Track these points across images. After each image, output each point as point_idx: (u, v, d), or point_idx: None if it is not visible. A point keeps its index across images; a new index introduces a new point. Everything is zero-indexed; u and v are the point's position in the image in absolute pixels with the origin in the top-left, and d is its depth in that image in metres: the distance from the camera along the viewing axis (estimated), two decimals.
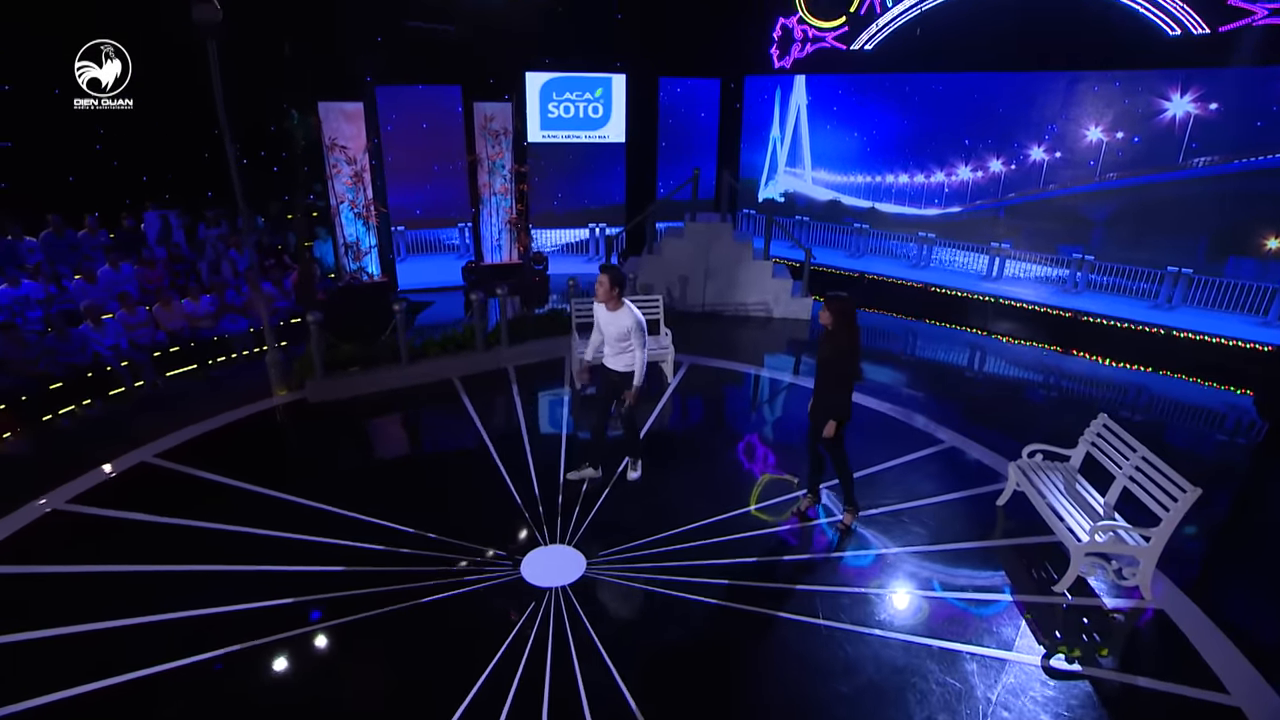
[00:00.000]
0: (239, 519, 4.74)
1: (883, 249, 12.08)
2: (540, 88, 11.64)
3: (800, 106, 12.36)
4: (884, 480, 5.39)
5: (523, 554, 4.40)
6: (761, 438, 6.22)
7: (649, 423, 6.39)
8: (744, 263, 9.61)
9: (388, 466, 5.73)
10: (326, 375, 6.97)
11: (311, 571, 4.23)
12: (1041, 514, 4.35)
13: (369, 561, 4.33)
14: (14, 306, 7.06)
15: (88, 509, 4.88)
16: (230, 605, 3.93)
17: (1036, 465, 4.79)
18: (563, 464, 5.55)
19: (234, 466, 5.48)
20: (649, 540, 4.57)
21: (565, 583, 4.17)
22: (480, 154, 11.20)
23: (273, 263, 9.84)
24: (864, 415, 6.54)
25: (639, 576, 4.22)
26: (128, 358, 7.34)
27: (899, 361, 8.33)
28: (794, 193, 13.01)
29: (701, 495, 5.09)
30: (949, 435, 6.14)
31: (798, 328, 9.44)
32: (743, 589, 4.12)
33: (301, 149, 9.40)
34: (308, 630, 3.78)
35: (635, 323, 4.59)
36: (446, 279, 11.08)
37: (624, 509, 4.93)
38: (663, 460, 5.69)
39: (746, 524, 4.76)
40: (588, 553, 4.43)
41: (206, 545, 4.48)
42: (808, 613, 3.92)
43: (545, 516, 4.83)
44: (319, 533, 4.61)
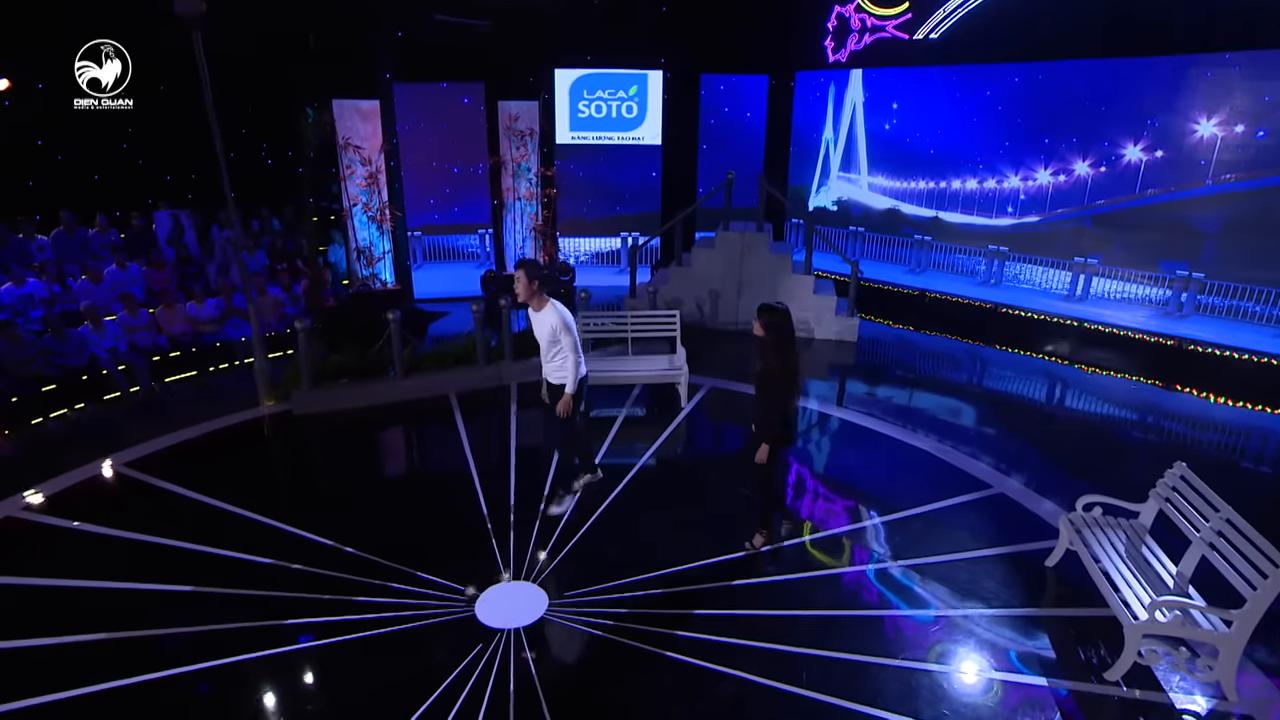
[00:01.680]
0: (186, 534, 4.83)
1: (947, 264, 11.59)
2: (570, 85, 11.80)
3: (856, 104, 12.07)
4: (912, 527, 5.02)
5: (481, 589, 4.31)
6: (791, 477, 5.90)
7: (654, 447, 6.23)
8: (782, 276, 9.35)
9: (357, 486, 5.76)
10: (314, 386, 7.12)
11: (245, 595, 4.23)
12: (1094, 580, 3.90)
13: (313, 588, 4.30)
14: (17, 305, 7.55)
15: (41, 517, 5.07)
16: (149, 629, 3.96)
17: (1095, 521, 4.33)
18: (546, 491, 5.46)
19: (197, 479, 5.62)
20: (626, 582, 4.40)
21: (519, 625, 4.04)
22: (504, 156, 11.42)
23: (284, 267, 10.24)
24: (901, 452, 6.20)
25: (604, 624, 4.05)
26: (125, 361, 7.71)
27: (956, 391, 7.85)
28: (847, 200, 12.66)
29: (697, 534, 4.89)
30: (999, 479, 5.69)
31: (842, 351, 9.09)
32: (723, 647, 3.86)
33: (315, 149, 9.79)
34: (227, 661, 3.75)
35: (561, 322, 4.53)
36: (464, 289, 11.25)
37: (604, 545, 4.80)
38: (659, 492, 5.52)
39: (746, 570, 4.52)
40: (553, 592, 4.31)
41: (145, 560, 4.57)
42: (794, 680, 3.62)
43: (515, 549, 4.72)
44: (265, 553, 4.63)
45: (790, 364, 4.08)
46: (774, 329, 4.06)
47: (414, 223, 11.75)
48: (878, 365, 8.82)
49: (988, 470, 5.84)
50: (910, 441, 6.38)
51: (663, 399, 7.43)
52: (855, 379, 8.32)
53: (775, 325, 4.05)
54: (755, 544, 4.68)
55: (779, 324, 4.06)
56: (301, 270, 10.23)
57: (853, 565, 4.63)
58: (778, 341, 4.05)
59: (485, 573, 4.47)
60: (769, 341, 4.06)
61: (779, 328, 4.06)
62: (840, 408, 7.28)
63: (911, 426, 6.70)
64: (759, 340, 4.14)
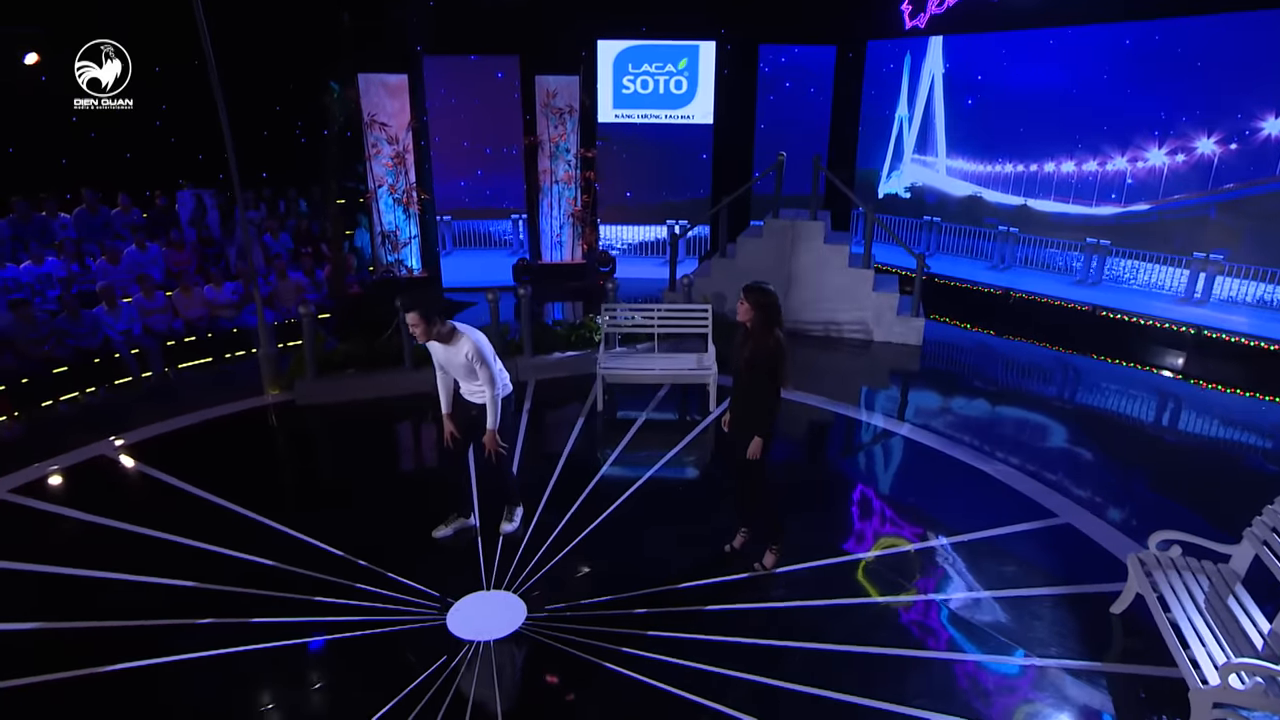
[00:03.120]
0: (164, 524, 5.01)
1: (1037, 259, 10.98)
2: (614, 58, 11.78)
3: (935, 76, 11.58)
4: (956, 558, 4.72)
5: (457, 597, 4.32)
6: (815, 492, 5.72)
7: (670, 454, 6.12)
8: (837, 270, 9.05)
9: (347, 482, 5.87)
10: (319, 376, 7.32)
11: (211, 590, 4.35)
12: (1161, 632, 3.53)
13: (282, 586, 4.38)
14: (35, 284, 8.10)
15: (25, 500, 5.38)
16: (106, 620, 4.12)
17: (1171, 562, 3.93)
18: (547, 496, 5.44)
19: (185, 467, 5.86)
20: (615, 598, 4.32)
21: (491, 636, 4.02)
22: (541, 136, 11.52)
23: (309, 251, 10.63)
24: (956, 472, 5.88)
25: (583, 641, 3.97)
26: (139, 345, 8.15)
27: (1035, 405, 7.39)
28: (922, 186, 12.18)
29: (702, 551, 4.75)
30: (1067, 508, 5.30)
31: (904, 356, 8.71)
32: (716, 678, 3.70)
33: (340, 126, 10.11)
34: (179, 659, 3.84)
35: (475, 351, 4.33)
36: (495, 278, 11.36)
37: (598, 557, 4.73)
38: (667, 503, 5.41)
39: (750, 592, 4.35)
40: (533, 604, 4.27)
41: (119, 549, 4.77)
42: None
43: (502, 556, 4.72)
44: (240, 547, 4.76)
45: (783, 344, 4.03)
46: (764, 309, 4.00)
47: (443, 206, 11.98)
48: (944, 373, 8.43)
49: (1056, 497, 5.45)
50: (968, 460, 6.02)
51: (691, 401, 7.31)
52: (914, 388, 7.98)
53: (765, 305, 4.00)
54: (766, 564, 4.53)
55: (769, 304, 4.01)
56: (326, 255, 10.59)
57: (878, 596, 4.37)
58: (766, 321, 4.00)
59: (466, 580, 4.47)
60: (758, 321, 4.01)
61: (768, 308, 4.01)
62: (889, 418, 6.95)
63: (973, 443, 6.34)
64: (747, 322, 4.10)
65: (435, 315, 4.20)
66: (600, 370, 7.03)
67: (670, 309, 7.51)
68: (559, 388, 7.66)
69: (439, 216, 11.98)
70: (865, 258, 9.01)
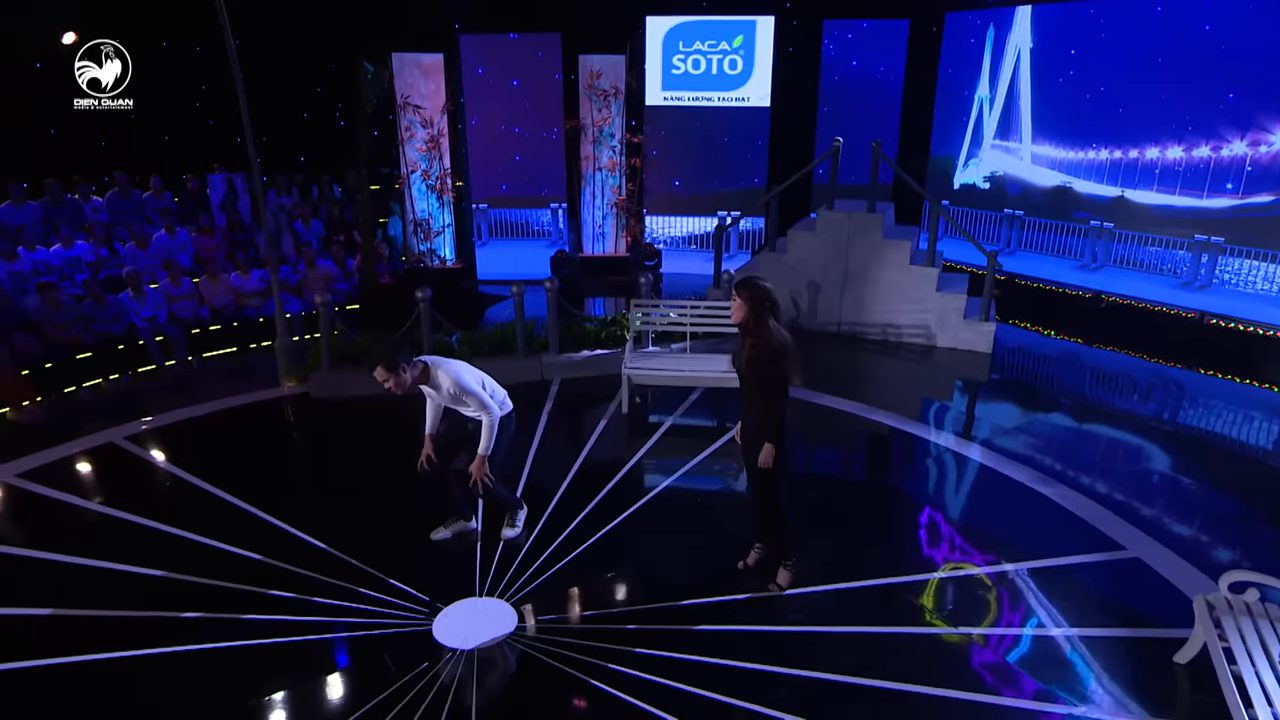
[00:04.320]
0: (162, 514, 5.26)
1: (1134, 258, 10.45)
2: (663, 36, 11.77)
3: (1022, 51, 11.14)
4: (1006, 589, 4.50)
5: (448, 602, 4.39)
6: (850, 509, 5.57)
7: (693, 461, 6.09)
8: (898, 268, 8.78)
9: (353, 479, 6.04)
10: (335, 369, 7.55)
11: (200, 583, 4.53)
12: (1223, 688, 3.26)
13: (272, 582, 4.53)
14: (64, 268, 8.63)
15: (31, 485, 5.73)
16: (91, 609, 4.33)
17: (1246, 607, 3.63)
18: (556, 501, 5.47)
19: (192, 458, 6.15)
20: (612, 612, 4.31)
21: (475, 645, 4.08)
22: (583, 119, 11.58)
23: (341, 239, 11.00)
24: (1019, 496, 5.63)
25: (570, 655, 3.97)
26: (163, 332, 8.59)
27: (1123, 424, 7.02)
28: (1003, 176, 11.72)
29: (713, 566, 4.71)
30: (1139, 540, 4.99)
31: (970, 363, 8.40)
32: (711, 705, 3.62)
33: (374, 108, 10.40)
34: (155, 652, 4.01)
35: (452, 382, 4.36)
36: (532, 270, 11.53)
37: (600, 567, 4.74)
38: (683, 513, 5.37)
39: (760, 613, 4.26)
40: (524, 615, 4.31)
41: (114, 537, 5.03)
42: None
43: (500, 562, 4.77)
44: (235, 540, 4.94)
45: (786, 338, 3.99)
46: (758, 303, 3.98)
47: (478, 194, 12.18)
48: (1014, 384, 8.10)
49: (1127, 527, 5.14)
50: (1030, 483, 5.76)
51: (725, 406, 7.22)
52: (978, 399, 7.71)
53: (758, 299, 3.98)
54: (781, 583, 4.45)
55: (762, 297, 3.98)
56: (358, 243, 10.92)
57: (902, 627, 4.20)
58: (762, 316, 3.98)
59: (459, 585, 4.53)
60: (754, 318, 3.99)
61: (762, 301, 3.98)
62: (943, 432, 6.70)
63: (1038, 464, 6.06)
64: (742, 322, 4.06)
65: (402, 363, 4.27)
66: (626, 370, 7.01)
67: (706, 306, 7.44)
68: (585, 387, 7.69)
69: (474, 205, 12.19)
70: (929, 254, 8.72)
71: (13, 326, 7.64)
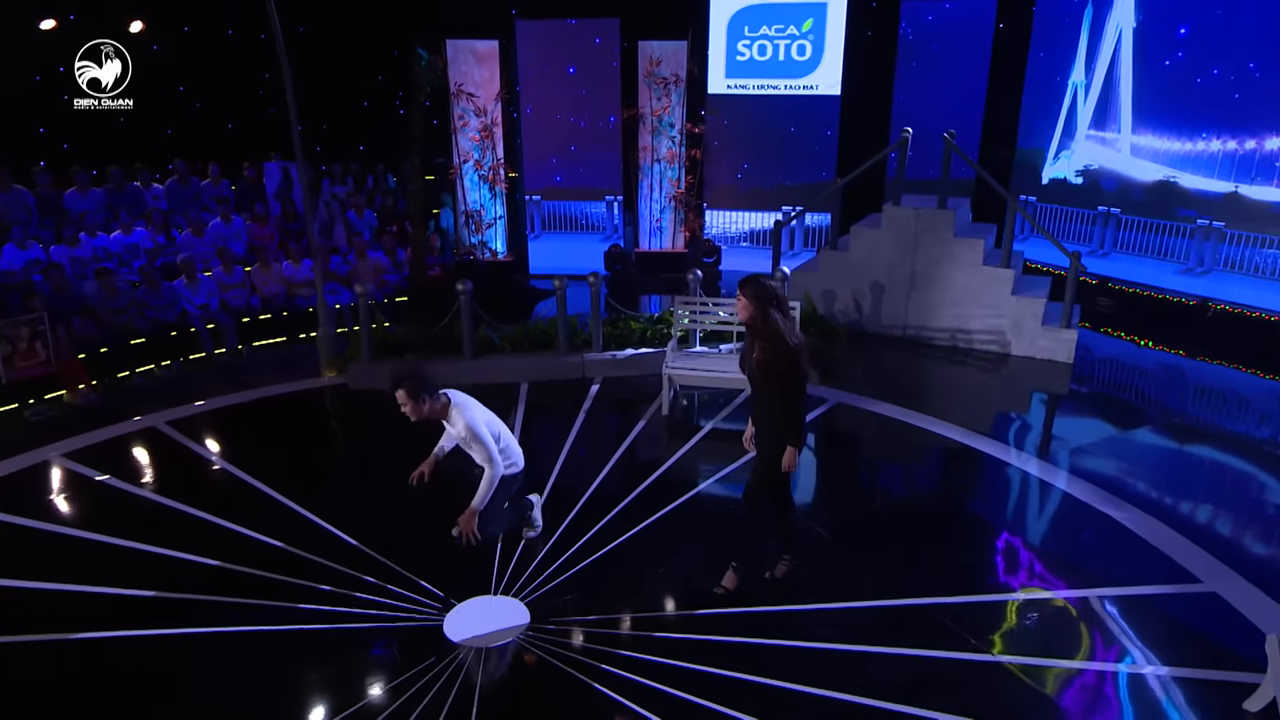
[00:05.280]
0: (192, 498, 5.55)
1: (1247, 262, 9.85)
2: (729, 19, 11.71)
3: (1124, 31, 10.62)
4: (1064, 620, 4.33)
5: (462, 598, 4.50)
6: (894, 525, 5.44)
7: (729, 468, 6.05)
8: (970, 269, 8.50)
9: (381, 471, 6.21)
10: (375, 360, 7.80)
11: (218, 567, 4.77)
12: None
13: (290, 570, 4.72)
14: (123, 254, 9.19)
15: (75, 465, 6.13)
16: (111, 587, 4.61)
17: None
18: (584, 501, 5.55)
19: (227, 444, 6.50)
20: (628, 616, 4.39)
21: (485, 643, 4.18)
22: (642, 108, 11.63)
23: (394, 229, 11.35)
24: (1088, 518, 5.40)
25: (579, 659, 4.04)
26: (214, 320, 9.04)
27: (1225, 445, 6.67)
28: (1098, 169, 11.20)
29: (737, 575, 4.61)
30: (1218, 572, 4.71)
31: (1047, 374, 8.06)
32: (716, 717, 3.59)
33: (427, 96, 10.69)
34: (167, 632, 4.25)
35: (466, 428, 4.38)
36: (585, 265, 11.57)
37: (619, 571, 4.80)
38: (711, 520, 5.35)
39: (783, 626, 4.21)
40: (537, 614, 4.39)
41: (139, 518, 5.36)
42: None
43: (518, 561, 4.87)
44: (260, 528, 5.17)
45: (797, 335, 4.04)
46: (763, 301, 4.00)
47: (531, 185, 12.37)
48: (1097, 397, 7.74)
49: (1206, 558, 4.85)
50: (1100, 505, 5.48)
51: None
52: (1052, 413, 7.43)
53: (763, 296, 4.01)
54: (778, 573, 4.62)
55: (768, 295, 4.01)
56: (409, 234, 11.26)
57: (936, 651, 4.06)
58: (769, 314, 4.01)
59: (476, 582, 4.63)
60: (761, 316, 4.01)
61: (768, 299, 4.01)
62: (1010, 448, 6.43)
63: (1116, 485, 5.77)
64: (748, 322, 4.09)
65: (424, 393, 4.34)
66: (667, 370, 7.01)
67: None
68: (627, 387, 7.72)
69: (527, 196, 12.39)
70: (1005, 255, 8.40)
71: (72, 311, 8.16)
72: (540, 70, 11.52)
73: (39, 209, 9.29)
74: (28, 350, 7.46)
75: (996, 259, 8.52)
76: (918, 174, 10.30)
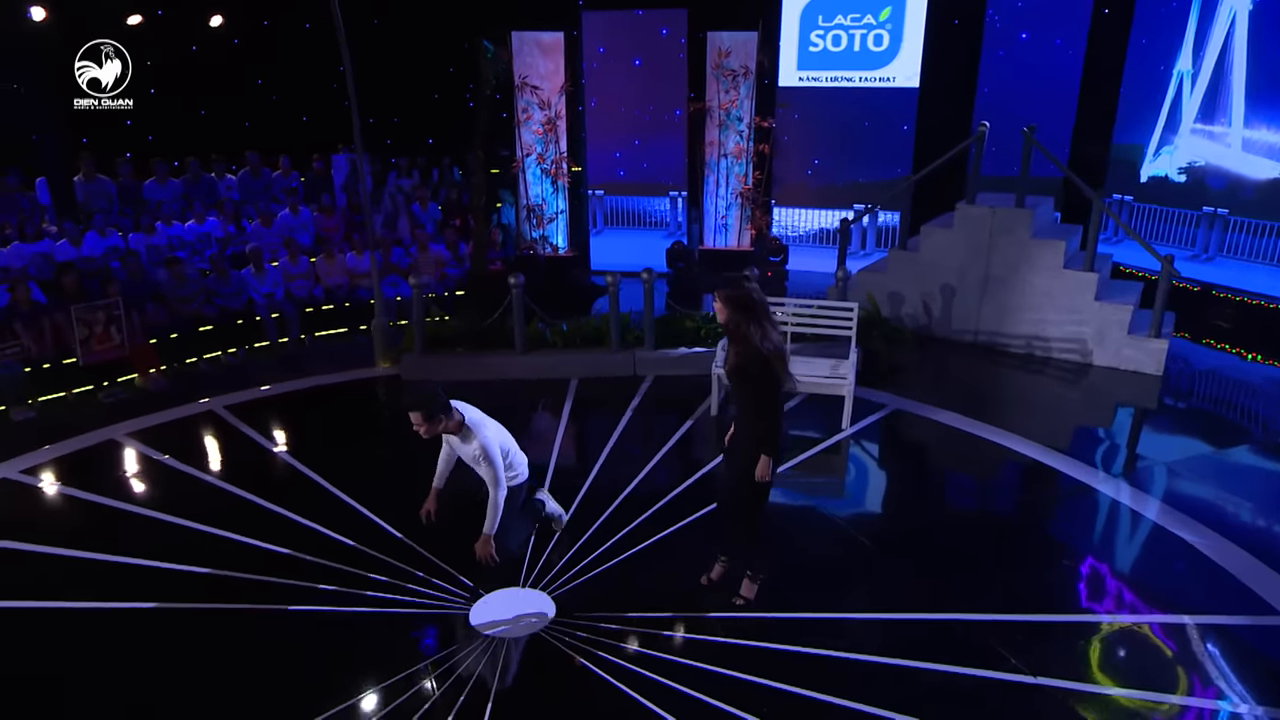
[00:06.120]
0: (244, 481, 5.89)
1: None
2: (802, 9, 11.60)
3: (1237, 15, 10.08)
4: (1123, 646, 4.20)
5: (490, 589, 4.67)
6: (935, 540, 5.32)
7: (780, 469, 5.95)
8: (1049, 272, 8.19)
9: (425, 462, 6.40)
10: (427, 353, 8.06)
11: (258, 547, 5.06)
12: None
13: (327, 554, 4.98)
14: (195, 243, 9.75)
15: (139, 445, 6.59)
16: (158, 561, 4.95)
17: None
18: (620, 500, 5.64)
19: (279, 429, 6.86)
20: (653, 616, 4.45)
21: (508, 634, 4.33)
22: (709, 101, 11.62)
23: (458, 223, 11.68)
24: (1161, 542, 5.19)
25: (599, 655, 4.14)
26: (279, 309, 9.51)
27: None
28: (1204, 166, 10.63)
29: (782, 579, 4.69)
30: None
31: (1132, 386, 7.71)
32: None
33: (491, 89, 10.94)
34: (198, 606, 4.54)
35: (481, 449, 4.46)
36: (646, 261, 11.61)
37: (651, 569, 4.89)
38: None
39: (812, 635, 4.17)
40: (564, 608, 4.51)
41: (194, 498, 5.70)
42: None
43: (550, 556, 5.03)
44: (298, 509, 5.47)
45: (773, 343, 4.00)
46: (739, 305, 4.04)
47: (595, 179, 12.51)
48: (1189, 414, 7.35)
49: None
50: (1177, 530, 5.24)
51: (824, 414, 7.06)
52: (1135, 428, 7.15)
53: (739, 301, 4.04)
54: (746, 595, 4.56)
55: (743, 299, 4.03)
56: (472, 228, 11.56)
57: (976, 669, 3.96)
58: (745, 320, 4.02)
59: (505, 574, 4.76)
60: (735, 322, 4.05)
61: (743, 303, 4.03)
62: (1079, 463, 6.17)
63: (1198, 509, 5.51)
64: (724, 326, 4.14)
65: (439, 414, 4.46)
66: (716, 370, 7.01)
67: (810, 306, 7.30)
68: (678, 386, 7.75)
69: (590, 191, 12.54)
70: (1088, 256, 8.05)
71: (145, 297, 8.71)
72: (606, 62, 11.65)
73: (120, 198, 9.96)
74: (103, 334, 7.97)
75: (1080, 262, 8.19)
76: (1002, 171, 9.99)
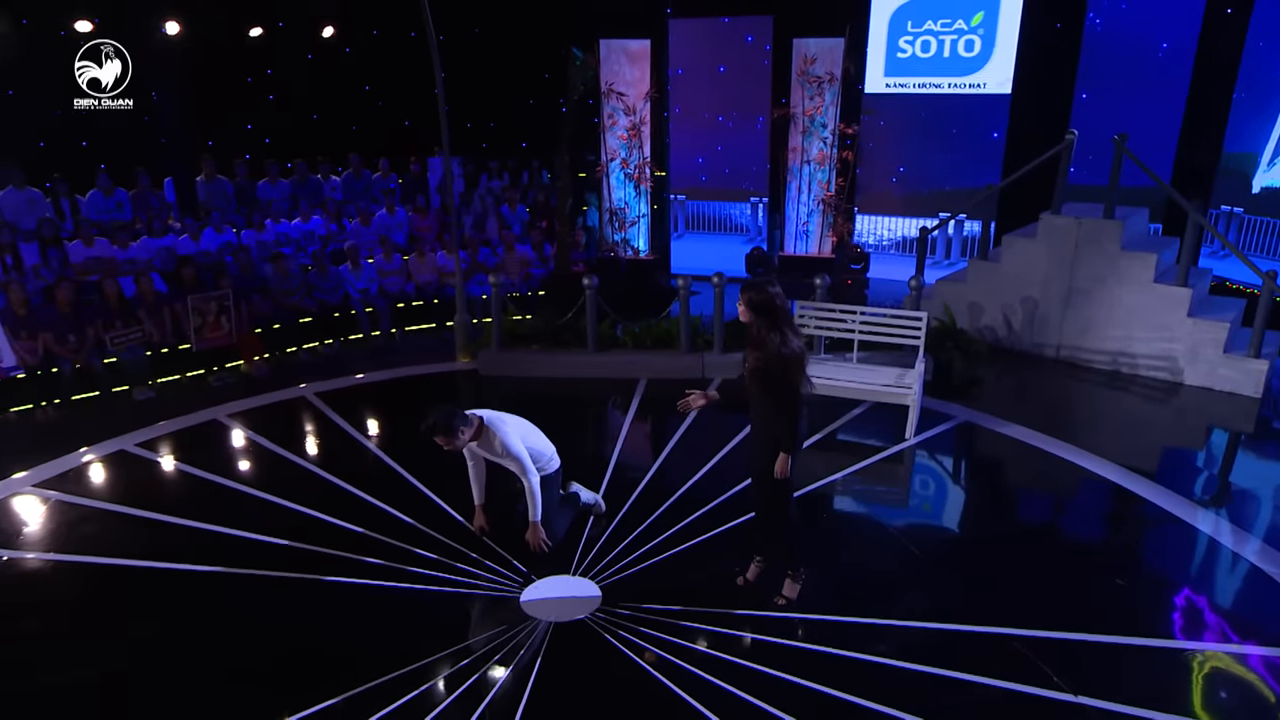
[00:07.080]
0: (328, 463, 6.37)
1: None
2: (890, 16, 11.46)
3: None
4: (1148, 666, 4.11)
5: (541, 575, 4.90)
6: (1003, 556, 5.28)
7: (835, 476, 6.13)
8: (1138, 286, 7.88)
9: None
10: (504, 349, 8.43)
11: (329, 522, 5.48)
12: None
13: (387, 531, 5.36)
14: (300, 240, 10.45)
15: (236, 426, 7.19)
16: (245, 530, 5.42)
17: None
18: (676, 496, 5.79)
19: (360, 415, 7.34)
20: (701, 610, 4.54)
21: (554, 619, 4.52)
22: (793, 108, 11.67)
23: (544, 225, 12.08)
24: (1243, 574, 5.03)
25: (644, 645, 4.27)
26: (373, 304, 10.09)
27: None
28: None
29: (817, 586, 4.73)
30: None
31: (1226, 408, 7.36)
32: None
33: (580, 95, 11.28)
34: (275, 574, 4.94)
35: (502, 447, 4.73)
36: (726, 266, 11.70)
37: (701, 565, 5.01)
38: (811, 525, 5.43)
39: (852, 638, 4.21)
40: (609, 598, 4.67)
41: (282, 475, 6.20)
42: None
43: (603, 546, 5.22)
44: (371, 490, 5.86)
45: (792, 346, 4.09)
46: (760, 309, 4.13)
47: (676, 184, 12.69)
48: None
49: None
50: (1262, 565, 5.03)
51: (889, 424, 7.03)
52: (1227, 453, 6.88)
53: (760, 304, 4.13)
54: (788, 595, 4.65)
55: (764, 303, 4.13)
56: (557, 230, 11.94)
57: (1002, 680, 3.95)
58: (766, 324, 4.12)
59: (558, 561, 5.00)
60: (756, 324, 4.16)
61: (765, 307, 4.12)
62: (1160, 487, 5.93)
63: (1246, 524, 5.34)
64: (750, 331, 4.22)
65: (459, 427, 4.72)
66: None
67: (878, 314, 7.30)
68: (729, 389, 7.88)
69: (672, 195, 12.73)
70: (1182, 270, 7.71)
71: (252, 290, 9.41)
72: (691, 69, 11.83)
73: (236, 197, 10.77)
74: (215, 323, 8.66)
75: (1174, 276, 7.85)
76: (1099, 180, 9.59)
